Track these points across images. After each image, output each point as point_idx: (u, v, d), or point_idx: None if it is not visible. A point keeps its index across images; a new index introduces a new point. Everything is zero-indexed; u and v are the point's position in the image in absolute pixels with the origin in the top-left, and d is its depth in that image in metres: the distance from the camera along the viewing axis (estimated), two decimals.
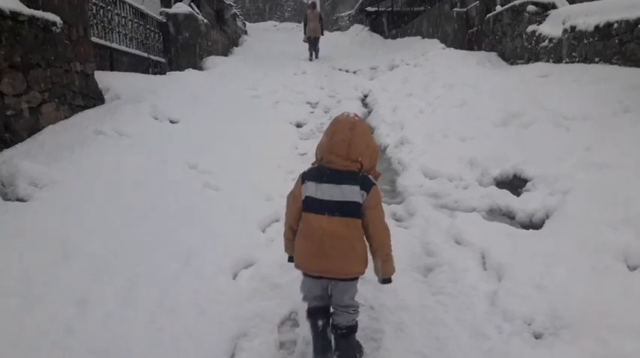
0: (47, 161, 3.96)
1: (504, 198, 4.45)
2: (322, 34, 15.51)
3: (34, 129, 4.62)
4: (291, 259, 2.60)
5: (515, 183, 4.79)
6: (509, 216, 4.27)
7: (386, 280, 2.52)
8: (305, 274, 2.51)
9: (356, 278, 2.51)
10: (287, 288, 3.21)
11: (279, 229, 4.11)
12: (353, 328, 2.53)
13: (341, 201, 2.37)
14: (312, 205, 2.41)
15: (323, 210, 2.38)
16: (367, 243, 2.46)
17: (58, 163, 3.98)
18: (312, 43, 15.14)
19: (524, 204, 4.23)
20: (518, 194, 4.53)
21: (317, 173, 2.46)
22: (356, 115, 2.56)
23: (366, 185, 2.39)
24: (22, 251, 2.96)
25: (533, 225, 3.98)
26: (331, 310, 2.56)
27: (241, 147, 5.77)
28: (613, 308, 2.65)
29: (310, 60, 14.98)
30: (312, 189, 2.41)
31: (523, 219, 4.12)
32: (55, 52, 5.09)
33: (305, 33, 15.25)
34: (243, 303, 3.05)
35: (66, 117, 5.16)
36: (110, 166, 4.23)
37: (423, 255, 3.63)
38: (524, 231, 3.82)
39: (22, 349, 2.38)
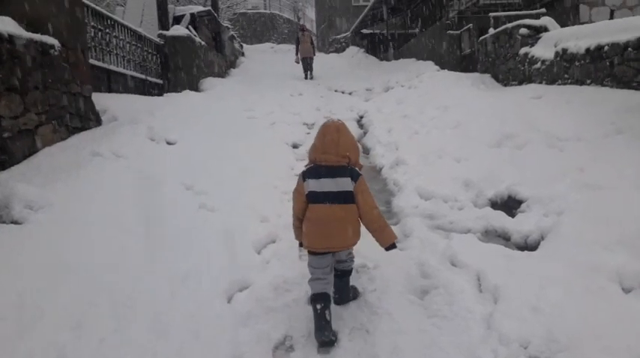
0: (43, 183, 3.95)
1: (499, 220, 4.46)
2: (315, 54, 16.20)
3: (30, 151, 4.62)
4: (301, 244, 3.23)
5: (510, 204, 4.81)
6: (504, 238, 4.27)
7: (389, 247, 3.14)
8: (312, 253, 3.06)
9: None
10: (281, 312, 3.20)
11: (274, 250, 4.13)
12: (347, 272, 3.31)
13: (337, 191, 3.00)
14: (315, 198, 3.02)
15: (325, 200, 3.00)
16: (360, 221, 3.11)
17: (54, 185, 3.97)
18: (306, 63, 15.86)
19: (519, 226, 4.24)
20: (513, 215, 4.55)
21: (315, 171, 3.06)
22: (339, 120, 3.22)
23: (355, 176, 3.05)
24: (16, 274, 2.94)
25: (529, 246, 3.99)
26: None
27: (237, 168, 5.78)
28: (608, 331, 2.64)
29: (305, 78, 15.67)
30: (314, 185, 3.03)
31: (518, 240, 4.13)
32: (53, 74, 5.13)
33: (297, 54, 15.86)
34: (238, 327, 3.02)
35: (62, 139, 5.17)
36: (106, 188, 4.23)
37: (418, 277, 3.61)
38: (520, 252, 3.82)
39: None
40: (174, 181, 4.86)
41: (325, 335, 2.87)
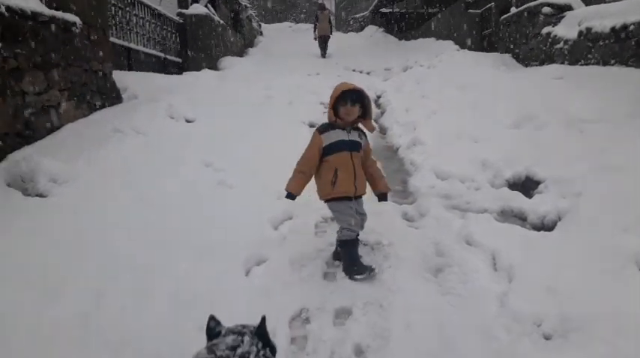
0: (67, 158, 4.06)
1: (516, 200, 4.44)
2: (331, 34, 16.76)
3: (53, 126, 4.73)
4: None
5: (527, 185, 4.78)
6: (520, 218, 4.26)
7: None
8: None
9: None
10: (297, 285, 3.26)
11: (291, 227, 4.19)
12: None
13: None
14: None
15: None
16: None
17: (76, 160, 4.08)
18: (323, 41, 16.29)
19: (535, 206, 4.22)
20: (530, 196, 4.52)
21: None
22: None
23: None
24: (41, 245, 3.05)
25: (545, 226, 3.98)
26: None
27: (255, 147, 5.83)
28: (623, 312, 2.64)
29: (323, 57, 16.18)
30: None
31: (535, 220, 4.11)
32: (75, 51, 5.20)
33: (315, 32, 16.45)
34: (256, 300, 3.10)
35: (85, 116, 5.27)
36: (128, 163, 4.32)
37: (433, 256, 3.64)
38: (536, 232, 3.82)
39: (41, 339, 2.46)
40: (193, 158, 4.93)
41: (366, 265, 3.34)
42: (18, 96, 4.23)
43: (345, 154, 3.34)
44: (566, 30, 8.16)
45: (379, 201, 3.66)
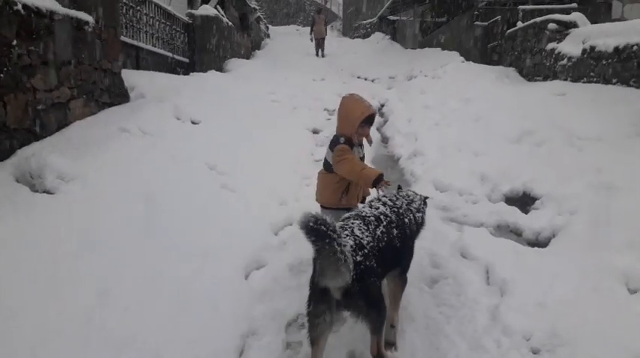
0: (74, 155, 4.13)
1: (513, 215, 4.53)
2: (326, 35, 18.43)
3: (62, 123, 4.80)
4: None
5: (524, 200, 4.87)
6: (516, 233, 4.35)
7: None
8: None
9: None
10: (296, 291, 3.34)
11: (291, 232, 4.27)
12: None
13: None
14: None
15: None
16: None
17: (84, 158, 4.15)
18: (319, 42, 17.87)
19: (531, 222, 4.31)
20: (526, 211, 4.61)
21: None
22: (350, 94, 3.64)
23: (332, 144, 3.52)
24: (49, 240, 3.12)
25: (539, 243, 4.06)
26: None
27: (259, 151, 5.92)
28: (609, 330, 2.73)
29: (317, 56, 17.71)
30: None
31: (530, 236, 4.20)
32: (86, 50, 5.29)
33: (311, 34, 17.99)
34: (254, 303, 3.18)
35: (92, 114, 5.35)
36: (133, 163, 4.39)
37: (429, 267, 3.73)
38: (530, 248, 3.91)
39: (46, 332, 2.54)
40: (198, 160, 5.01)
41: None
42: (29, 92, 4.30)
43: None
44: (570, 47, 8.25)
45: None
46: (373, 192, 3.43)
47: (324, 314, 2.42)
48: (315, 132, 8.05)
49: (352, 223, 2.66)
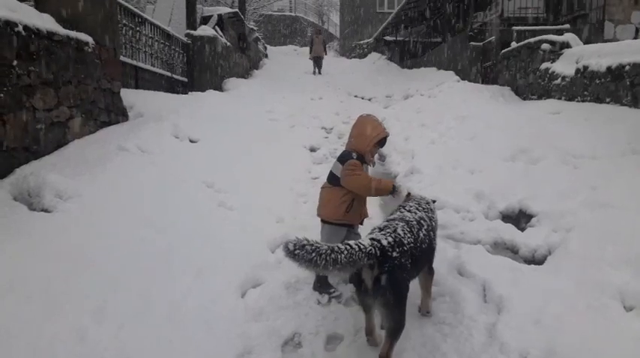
0: (72, 174, 4.16)
1: (509, 233, 4.55)
2: (325, 54, 19.62)
3: (61, 142, 4.85)
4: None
5: (520, 218, 4.89)
6: (512, 251, 4.36)
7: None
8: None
9: None
10: (292, 309, 3.34)
11: None
12: None
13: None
14: None
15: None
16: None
17: (82, 177, 4.17)
18: (316, 61, 19.00)
19: (527, 240, 4.32)
20: (522, 229, 4.63)
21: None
22: (367, 114, 3.75)
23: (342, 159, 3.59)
24: (44, 259, 3.13)
25: (536, 260, 4.08)
26: None
27: (256, 169, 5.95)
28: (606, 348, 2.72)
29: (314, 74, 18.84)
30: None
31: (526, 254, 4.21)
32: (86, 70, 5.36)
33: (310, 53, 19.11)
34: (250, 322, 3.17)
35: (91, 133, 5.40)
36: (131, 182, 4.42)
37: None
38: (526, 265, 3.91)
39: (39, 353, 2.52)
40: (195, 179, 5.04)
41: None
42: (29, 111, 4.35)
43: None
44: (564, 67, 8.37)
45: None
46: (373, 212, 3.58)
47: (364, 296, 2.77)
48: (313, 150, 8.10)
49: (396, 224, 2.92)
